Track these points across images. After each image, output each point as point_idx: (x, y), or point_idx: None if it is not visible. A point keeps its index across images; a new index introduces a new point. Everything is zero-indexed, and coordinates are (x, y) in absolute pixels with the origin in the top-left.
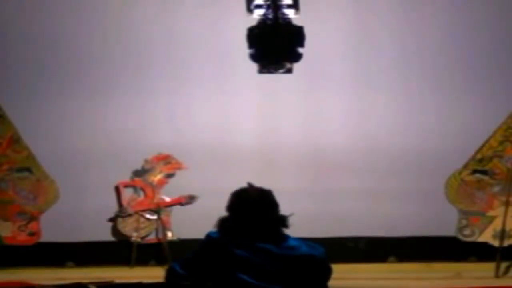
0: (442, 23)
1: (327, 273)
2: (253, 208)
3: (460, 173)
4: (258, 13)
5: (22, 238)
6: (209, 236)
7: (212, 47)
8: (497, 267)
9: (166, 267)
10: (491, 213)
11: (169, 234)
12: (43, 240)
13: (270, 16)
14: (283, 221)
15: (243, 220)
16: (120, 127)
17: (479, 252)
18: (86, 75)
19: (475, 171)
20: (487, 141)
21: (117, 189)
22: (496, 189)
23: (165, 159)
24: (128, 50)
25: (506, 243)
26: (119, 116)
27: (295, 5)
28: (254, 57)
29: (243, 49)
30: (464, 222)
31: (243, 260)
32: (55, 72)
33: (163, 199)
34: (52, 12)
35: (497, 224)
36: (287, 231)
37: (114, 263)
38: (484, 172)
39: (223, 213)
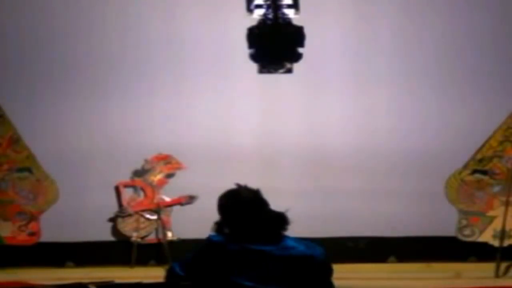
0: (443, 23)
1: (328, 273)
2: (248, 208)
3: (460, 173)
4: (258, 13)
5: (22, 238)
6: (209, 239)
7: (212, 47)
8: (497, 267)
9: (166, 267)
10: (491, 213)
11: (169, 234)
12: (43, 240)
13: (270, 16)
14: (284, 219)
15: (239, 221)
16: (120, 127)
17: (479, 252)
18: (86, 75)
19: (475, 171)
20: (487, 141)
21: (117, 189)
22: (496, 189)
23: (165, 159)
24: (128, 50)
25: (506, 243)
26: (119, 116)
27: (295, 5)
28: (254, 57)
29: (243, 49)
30: (464, 222)
31: (243, 264)
32: (55, 72)
33: (163, 199)
34: (52, 12)
35: (497, 224)
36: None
37: (114, 263)
38: (484, 172)
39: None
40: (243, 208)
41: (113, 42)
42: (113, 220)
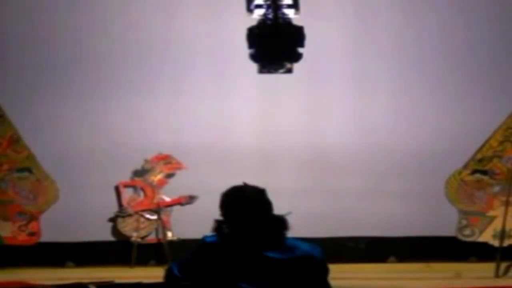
0: (442, 23)
1: (325, 273)
2: (250, 209)
3: (460, 173)
4: (258, 13)
5: (22, 238)
6: (203, 240)
7: (212, 47)
8: (497, 267)
9: (166, 267)
10: (491, 213)
11: (169, 234)
12: (43, 240)
13: (270, 16)
14: (283, 223)
15: (239, 221)
16: (120, 127)
17: (479, 252)
18: (86, 75)
19: (475, 171)
20: (487, 141)
21: (117, 189)
22: (496, 189)
23: (165, 159)
24: (128, 50)
25: (506, 243)
26: (119, 116)
27: (295, 5)
28: (254, 57)
29: (243, 49)
30: (464, 222)
31: (239, 265)
32: (55, 72)
33: (163, 199)
34: (52, 12)
35: (497, 224)
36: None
37: (114, 263)
38: (484, 172)
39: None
40: (245, 208)
41: (112, 42)
42: (113, 220)
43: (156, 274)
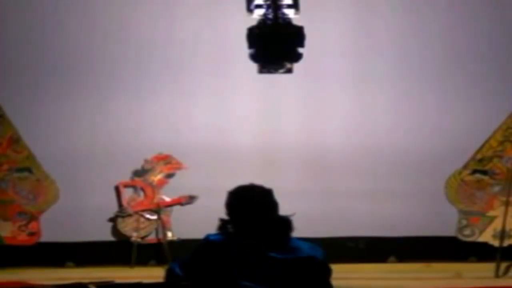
0: (442, 23)
1: (327, 274)
2: (255, 209)
3: (460, 173)
4: (258, 13)
5: (22, 238)
6: (207, 239)
7: (212, 47)
8: (497, 267)
9: (166, 267)
10: (491, 213)
11: (169, 234)
12: (43, 240)
13: (270, 16)
14: (288, 224)
15: (244, 221)
16: (120, 127)
17: (479, 252)
18: (86, 75)
19: (475, 171)
20: (487, 141)
21: (117, 189)
22: (496, 189)
23: (165, 159)
24: (128, 50)
25: (506, 243)
26: (119, 116)
27: (295, 5)
28: (254, 57)
29: (243, 49)
30: (464, 222)
31: (242, 264)
32: (55, 72)
33: (163, 199)
34: (52, 12)
35: (497, 224)
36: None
37: (114, 263)
38: (484, 172)
39: (223, 213)
40: (250, 208)
41: (113, 42)
42: (113, 220)
43: (156, 274)
